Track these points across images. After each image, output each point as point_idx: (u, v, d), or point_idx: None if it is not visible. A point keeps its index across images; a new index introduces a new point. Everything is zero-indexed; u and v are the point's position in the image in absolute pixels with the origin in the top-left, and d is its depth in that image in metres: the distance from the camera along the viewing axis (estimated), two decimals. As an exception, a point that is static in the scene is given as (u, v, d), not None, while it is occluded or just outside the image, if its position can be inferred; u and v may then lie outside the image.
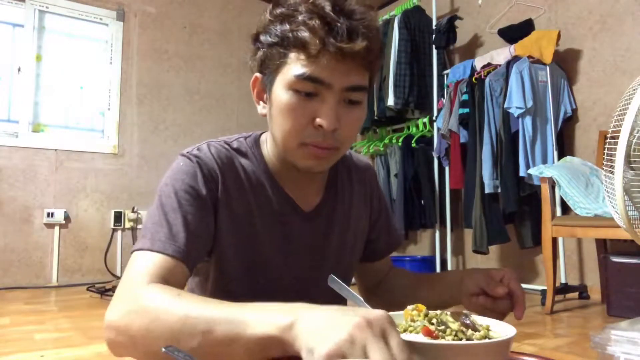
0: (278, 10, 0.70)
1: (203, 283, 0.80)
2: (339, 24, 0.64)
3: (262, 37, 0.71)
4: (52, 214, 3.19)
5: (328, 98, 0.67)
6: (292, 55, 0.66)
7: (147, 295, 0.58)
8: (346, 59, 0.65)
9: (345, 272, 0.88)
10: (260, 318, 0.50)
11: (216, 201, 0.73)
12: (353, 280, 0.95)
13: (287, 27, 0.67)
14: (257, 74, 0.75)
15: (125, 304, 0.59)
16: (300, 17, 0.66)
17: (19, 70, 3.25)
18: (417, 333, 0.55)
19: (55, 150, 3.27)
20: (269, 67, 0.71)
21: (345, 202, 0.86)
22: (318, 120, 0.67)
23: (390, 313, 0.63)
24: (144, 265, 0.63)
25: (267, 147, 0.79)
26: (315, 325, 0.46)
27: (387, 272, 0.98)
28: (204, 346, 0.52)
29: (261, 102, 0.76)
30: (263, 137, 0.82)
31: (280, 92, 0.68)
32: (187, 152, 0.75)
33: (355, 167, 0.91)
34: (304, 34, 0.65)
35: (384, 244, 0.95)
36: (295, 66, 0.66)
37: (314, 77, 0.65)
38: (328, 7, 0.66)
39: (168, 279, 0.63)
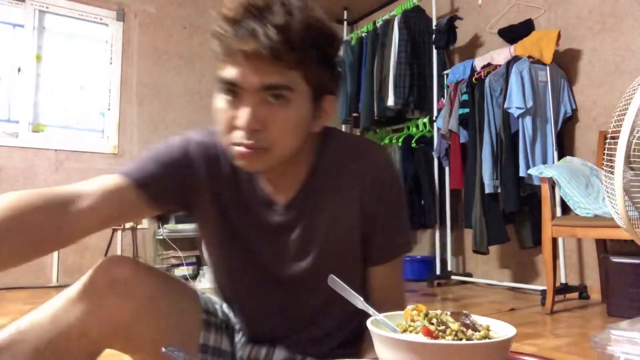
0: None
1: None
2: (243, 24, 0.65)
3: None
4: (52, 214, 3.19)
5: (244, 99, 0.68)
6: (220, 64, 0.70)
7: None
8: (254, 58, 0.65)
9: (339, 267, 0.77)
10: None
11: (195, 184, 0.80)
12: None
13: (215, 41, 0.70)
14: None
15: None
16: (217, 28, 0.68)
17: (19, 70, 3.25)
18: (417, 333, 0.55)
19: (55, 150, 3.27)
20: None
21: (319, 198, 0.81)
22: (237, 120, 0.69)
23: (390, 313, 0.63)
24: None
25: None
26: None
27: (379, 291, 0.86)
28: None
29: None
30: None
31: (216, 99, 0.73)
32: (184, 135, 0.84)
33: (349, 156, 0.82)
34: (215, 41, 0.68)
35: (376, 248, 0.85)
36: (220, 72, 0.70)
37: (227, 79, 0.68)
38: (240, 14, 0.66)
39: (106, 192, 0.76)
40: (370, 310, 0.63)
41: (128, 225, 3.43)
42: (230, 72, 0.67)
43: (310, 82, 0.71)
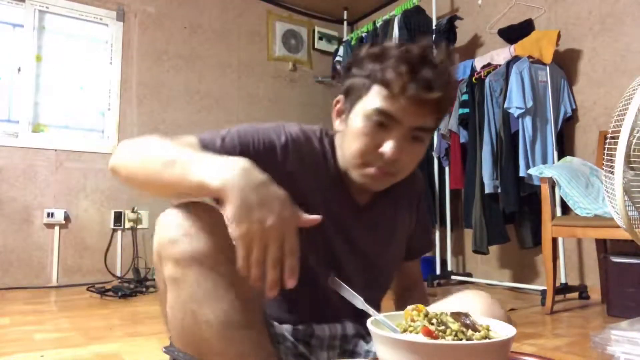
0: (374, 50, 0.81)
1: None
2: (422, 72, 0.75)
3: (354, 70, 0.83)
4: (52, 214, 3.19)
5: (396, 132, 0.78)
6: (376, 89, 0.78)
7: (145, 140, 0.75)
8: (421, 104, 0.76)
9: (389, 269, 0.99)
10: (203, 170, 0.62)
11: (281, 171, 0.79)
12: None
13: (378, 66, 0.78)
14: (341, 96, 0.87)
15: (131, 142, 0.78)
16: (391, 60, 0.76)
17: (19, 70, 3.25)
18: (417, 333, 0.55)
19: (55, 150, 3.27)
20: (353, 94, 0.82)
21: (393, 204, 0.96)
22: (383, 148, 0.78)
23: (390, 313, 0.63)
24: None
25: (337, 148, 0.89)
26: (240, 201, 0.59)
27: (412, 283, 1.07)
28: (163, 177, 0.66)
29: (338, 120, 0.88)
30: (336, 140, 0.90)
31: (358, 118, 0.80)
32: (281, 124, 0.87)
33: (413, 184, 1.00)
34: (391, 75, 0.76)
35: (415, 247, 1.05)
36: (376, 99, 0.78)
37: (390, 113, 0.77)
38: (416, 56, 0.76)
39: None
40: (370, 310, 0.63)
41: (128, 225, 3.43)
42: (393, 107, 0.76)
43: (438, 125, 0.85)
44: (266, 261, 0.59)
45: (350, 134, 0.81)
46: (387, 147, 0.77)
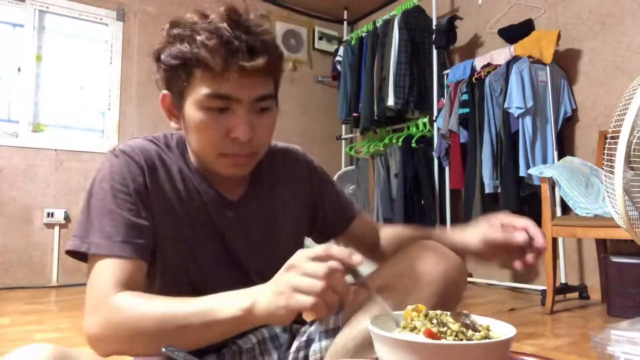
0: (176, 31, 0.72)
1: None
2: (237, 42, 0.68)
3: (163, 57, 0.73)
4: (52, 214, 3.19)
5: (239, 111, 0.71)
6: (197, 74, 0.70)
7: (120, 306, 0.65)
8: (250, 74, 0.69)
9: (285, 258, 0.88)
10: (225, 304, 0.62)
11: (148, 193, 0.76)
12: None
13: (187, 47, 0.70)
14: (165, 92, 0.78)
15: (103, 316, 0.66)
16: (199, 37, 0.69)
17: (19, 70, 3.25)
18: (418, 333, 0.55)
19: (55, 150, 3.27)
20: (176, 86, 0.74)
21: (270, 190, 0.88)
22: (234, 133, 0.72)
23: (391, 313, 0.63)
24: (107, 273, 0.69)
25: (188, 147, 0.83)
26: (268, 302, 0.59)
27: (375, 234, 1.01)
28: (185, 337, 0.63)
29: (173, 118, 0.80)
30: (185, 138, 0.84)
31: (192, 111, 0.72)
32: (114, 150, 0.80)
33: (280, 156, 0.93)
34: (205, 54, 0.68)
35: (339, 216, 0.98)
36: (201, 85, 0.70)
37: (222, 94, 0.70)
38: (224, 25, 0.69)
39: (130, 283, 0.69)
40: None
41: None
42: (224, 87, 0.69)
43: (277, 87, 0.79)
44: (333, 295, 0.57)
45: (192, 130, 0.74)
46: (238, 131, 0.71)
